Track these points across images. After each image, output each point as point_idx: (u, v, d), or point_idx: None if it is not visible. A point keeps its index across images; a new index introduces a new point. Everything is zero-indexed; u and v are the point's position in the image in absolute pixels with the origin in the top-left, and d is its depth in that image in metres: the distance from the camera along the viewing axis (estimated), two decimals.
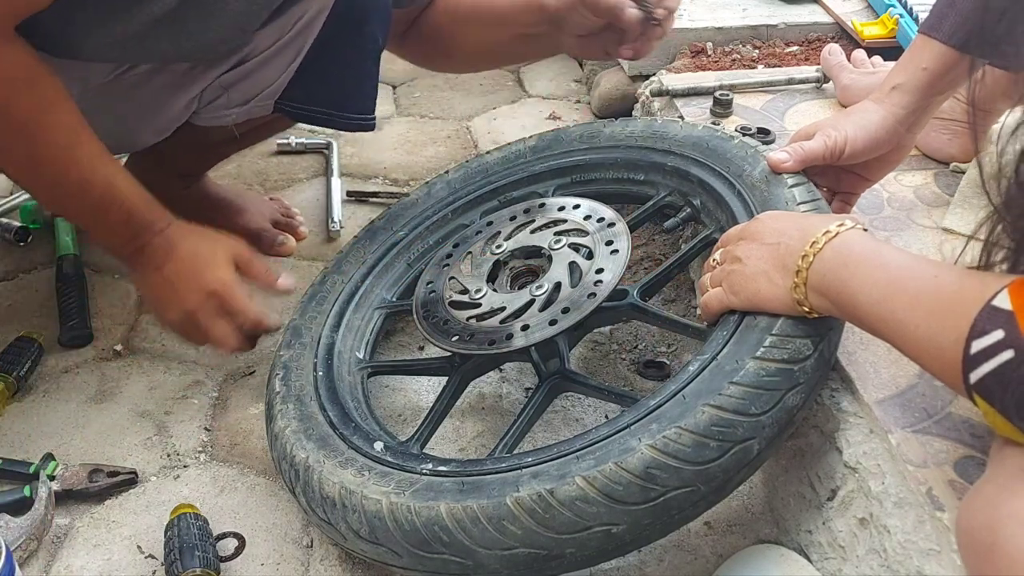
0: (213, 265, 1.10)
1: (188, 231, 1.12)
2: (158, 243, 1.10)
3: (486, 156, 1.31)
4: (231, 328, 1.10)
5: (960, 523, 0.69)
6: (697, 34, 1.74)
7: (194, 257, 1.10)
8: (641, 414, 0.85)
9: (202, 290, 1.08)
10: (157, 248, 1.10)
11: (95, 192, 1.06)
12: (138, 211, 1.09)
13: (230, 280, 1.10)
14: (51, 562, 1.00)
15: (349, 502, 0.89)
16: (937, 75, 1.01)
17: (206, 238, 1.12)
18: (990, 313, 0.65)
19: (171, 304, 1.11)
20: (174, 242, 1.10)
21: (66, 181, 1.05)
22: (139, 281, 1.18)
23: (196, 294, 1.09)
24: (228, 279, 1.10)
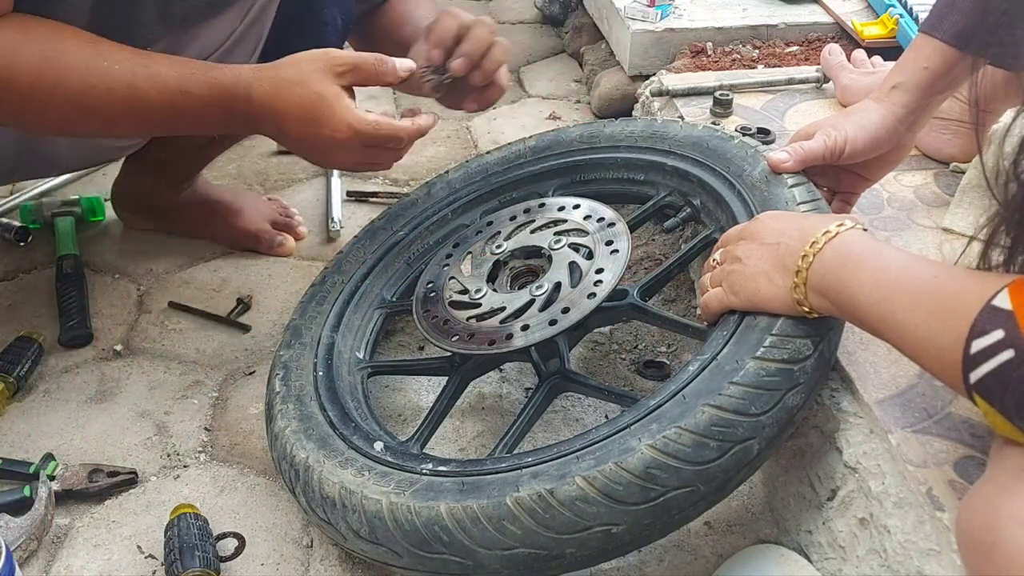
0: (329, 112, 0.99)
1: (277, 83, 1.00)
2: (259, 111, 1.00)
3: (486, 156, 1.31)
4: (388, 152, 1.04)
5: (960, 523, 0.69)
6: (697, 34, 1.74)
7: (304, 113, 0.99)
8: (641, 414, 0.85)
9: (334, 143, 1.00)
10: (263, 116, 1.01)
11: (148, 93, 0.98)
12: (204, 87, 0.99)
13: (355, 120, 0.99)
14: (51, 562, 1.00)
15: (349, 502, 0.89)
16: (937, 74, 1.01)
17: (301, 84, 0.99)
18: (990, 313, 0.65)
19: (319, 159, 1.06)
20: (272, 104, 1.00)
21: (116, 99, 0.98)
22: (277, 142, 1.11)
23: (332, 148, 1.01)
24: (352, 120, 0.99)
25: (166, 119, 1.02)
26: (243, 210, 1.50)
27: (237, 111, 1.01)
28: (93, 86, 0.97)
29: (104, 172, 1.68)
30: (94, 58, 0.97)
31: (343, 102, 0.99)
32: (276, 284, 1.42)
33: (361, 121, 0.99)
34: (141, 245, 1.50)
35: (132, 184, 1.49)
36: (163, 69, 1.00)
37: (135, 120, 1.02)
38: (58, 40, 0.97)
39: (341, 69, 1.00)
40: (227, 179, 1.67)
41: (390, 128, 1.01)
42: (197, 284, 1.42)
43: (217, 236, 1.50)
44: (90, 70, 0.97)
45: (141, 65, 0.99)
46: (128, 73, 0.98)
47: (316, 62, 1.00)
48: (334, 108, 0.99)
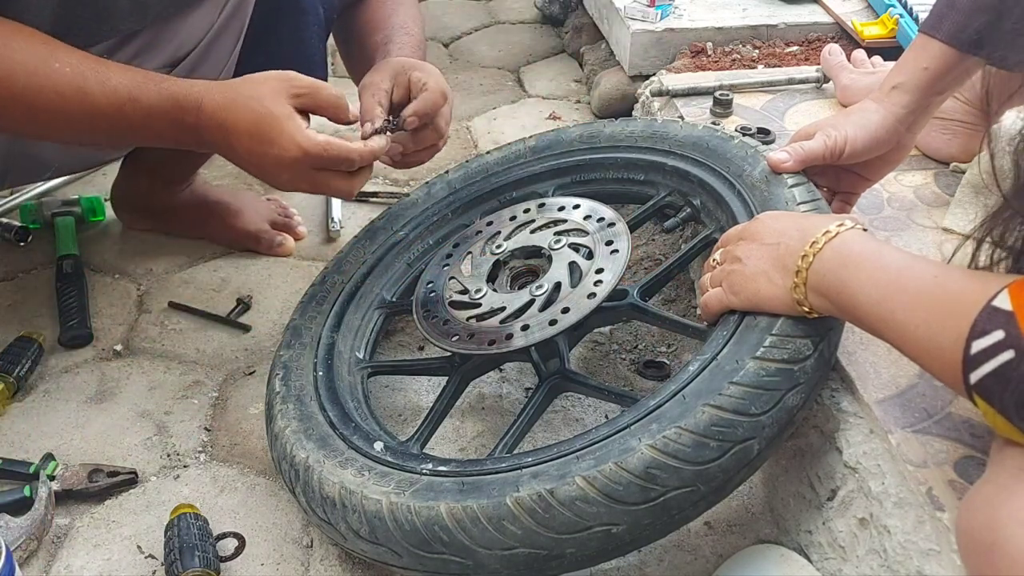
0: (278, 130, 0.96)
1: (229, 97, 0.97)
2: (207, 125, 0.98)
3: (486, 156, 1.31)
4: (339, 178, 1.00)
5: (960, 523, 0.69)
6: (697, 34, 1.74)
7: (254, 129, 0.97)
8: (641, 414, 0.85)
9: (282, 163, 0.97)
10: (212, 131, 0.98)
11: (97, 100, 0.96)
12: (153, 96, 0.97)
13: (304, 140, 0.96)
14: (51, 562, 1.00)
15: (349, 502, 0.89)
16: (937, 75, 1.01)
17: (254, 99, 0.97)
18: (990, 313, 0.65)
19: (267, 179, 1.01)
20: (221, 118, 0.97)
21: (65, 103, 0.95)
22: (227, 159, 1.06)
23: (280, 169, 0.98)
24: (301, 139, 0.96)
25: (114, 127, 0.99)
26: (242, 210, 1.50)
27: (186, 122, 0.98)
28: (41, 87, 0.95)
29: (104, 172, 1.68)
30: (45, 59, 0.95)
31: (294, 121, 0.97)
32: (276, 284, 1.42)
33: (310, 141, 0.97)
34: (141, 245, 1.50)
35: (130, 185, 1.49)
36: (115, 75, 0.97)
37: (83, 126, 0.99)
38: (10, 38, 0.95)
39: (297, 91, 0.98)
40: (227, 179, 1.67)
41: (340, 149, 0.98)
42: (197, 284, 1.42)
43: (216, 237, 1.50)
44: (39, 70, 0.95)
45: (92, 70, 0.97)
46: (78, 76, 0.96)
47: (272, 81, 0.99)
48: (284, 126, 0.96)
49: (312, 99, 1.00)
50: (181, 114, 0.98)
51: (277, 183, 1.02)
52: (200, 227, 1.50)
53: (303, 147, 0.96)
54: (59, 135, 1.05)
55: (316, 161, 0.98)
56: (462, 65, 2.13)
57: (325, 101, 1.00)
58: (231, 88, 0.99)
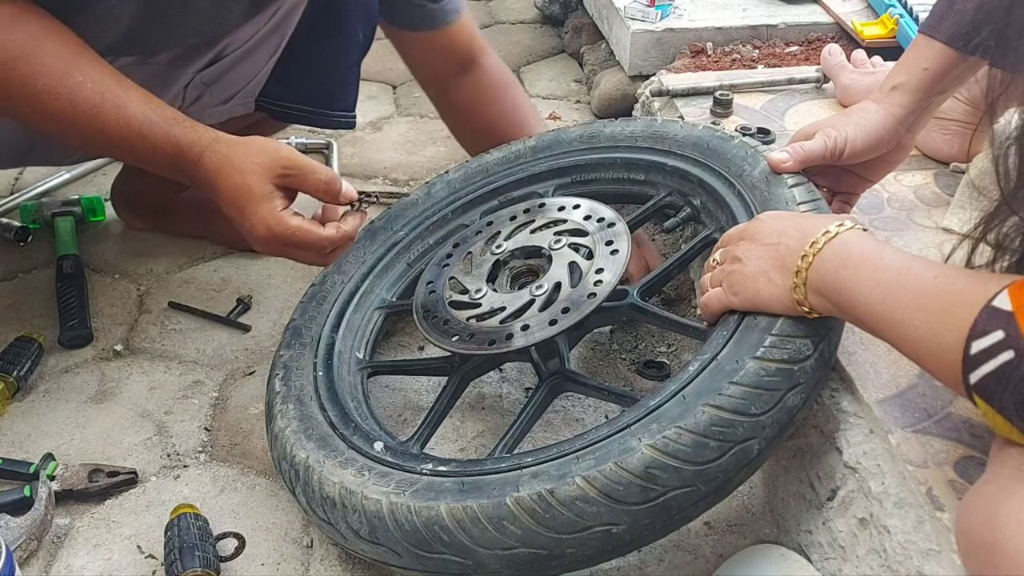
0: (252, 208, 0.98)
1: (221, 164, 0.99)
2: (202, 180, 1.00)
3: (486, 156, 1.31)
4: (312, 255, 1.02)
5: (960, 523, 0.69)
6: (697, 34, 1.74)
7: (233, 200, 0.99)
8: (641, 414, 0.85)
9: (253, 235, 0.99)
10: (203, 184, 1.01)
11: (109, 123, 0.99)
12: (160, 138, 1.00)
13: (273, 222, 0.98)
14: (51, 562, 1.00)
15: (349, 502, 0.89)
16: (937, 75, 1.01)
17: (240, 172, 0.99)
18: (990, 314, 0.65)
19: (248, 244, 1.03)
20: (212, 180, 1.00)
21: (78, 115, 0.98)
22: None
23: (253, 239, 1.00)
24: (271, 221, 0.98)
25: (116, 149, 1.02)
26: None
27: (184, 170, 1.01)
28: (59, 94, 0.97)
29: (104, 172, 1.68)
30: (70, 68, 0.98)
31: (270, 203, 0.98)
32: (276, 284, 1.42)
33: (280, 225, 0.98)
34: (141, 245, 1.50)
35: (133, 183, 1.49)
36: (132, 105, 0.99)
37: (88, 140, 1.02)
38: (43, 39, 0.97)
39: (284, 171, 0.99)
40: None
41: (309, 236, 0.99)
42: (197, 284, 1.42)
43: (217, 236, 1.50)
44: (62, 78, 0.97)
45: (112, 93, 0.99)
46: (96, 96, 0.98)
47: (265, 156, 0.99)
48: (258, 206, 0.98)
49: (298, 181, 1.00)
50: (181, 162, 1.01)
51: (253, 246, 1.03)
52: (202, 226, 1.50)
53: (272, 230, 0.98)
54: (62, 137, 1.07)
55: (288, 242, 0.99)
56: None
57: (312, 184, 1.01)
58: (225, 152, 1.00)
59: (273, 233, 0.98)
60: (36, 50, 0.97)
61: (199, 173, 1.00)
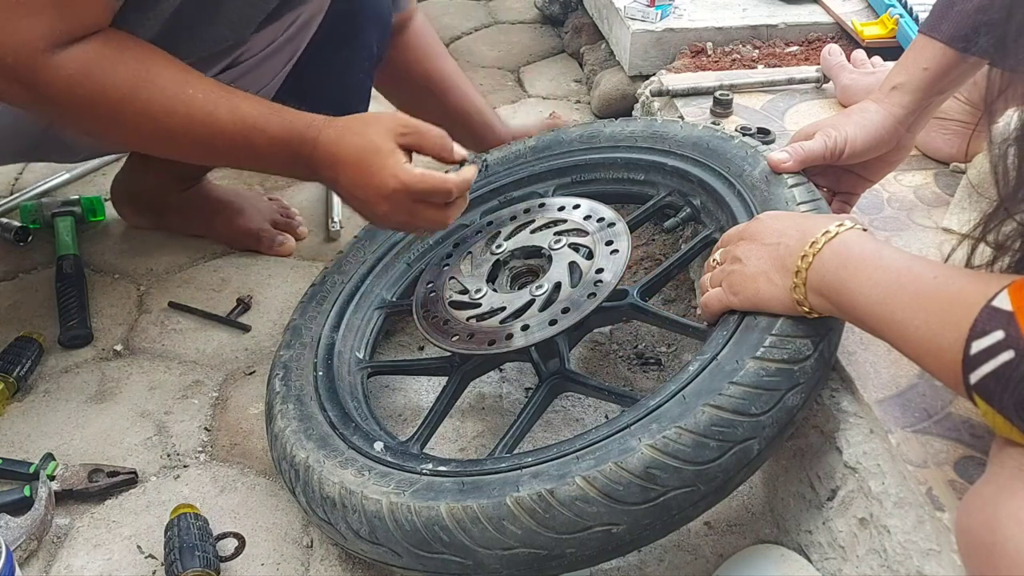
0: (380, 163, 1.02)
1: (341, 132, 1.04)
2: (321, 157, 1.04)
3: (486, 156, 1.31)
4: (435, 209, 1.05)
5: (960, 523, 0.69)
6: (697, 34, 1.74)
7: (359, 162, 1.03)
8: (641, 414, 0.85)
9: (382, 194, 1.02)
10: (322, 162, 1.04)
11: (225, 126, 1.02)
12: (276, 127, 1.04)
13: (402, 172, 1.01)
14: (51, 562, 1.00)
15: (349, 502, 0.89)
16: (937, 75, 1.01)
17: (362, 135, 1.04)
18: (990, 314, 0.65)
19: (367, 212, 1.07)
20: (333, 151, 1.04)
21: (194, 125, 1.02)
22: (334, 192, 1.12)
23: (379, 199, 1.03)
24: (399, 171, 1.01)
25: (236, 152, 1.06)
26: (244, 209, 1.50)
27: (302, 153, 1.05)
28: (175, 111, 1.01)
29: (104, 172, 1.68)
30: (181, 85, 1.02)
31: (396, 157, 1.02)
32: (276, 284, 1.42)
33: (408, 174, 1.02)
34: (141, 245, 1.50)
35: (136, 180, 1.49)
36: (243, 104, 1.04)
37: (208, 148, 1.05)
38: (152, 63, 1.01)
39: (403, 130, 1.04)
40: (228, 179, 1.67)
41: (436, 180, 1.03)
42: (197, 284, 1.42)
43: (218, 235, 1.50)
44: (177, 96, 1.01)
45: (223, 98, 1.03)
46: (210, 104, 1.02)
47: (383, 120, 1.05)
48: (386, 160, 1.02)
49: (417, 139, 1.05)
50: (300, 146, 1.04)
51: (376, 214, 1.06)
52: (202, 225, 1.50)
53: (401, 179, 1.01)
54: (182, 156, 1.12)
55: (414, 193, 1.02)
56: (462, 65, 2.11)
57: (430, 141, 1.05)
58: (343, 124, 1.05)
59: (402, 183, 1.01)
60: (149, 75, 1.00)
61: (318, 152, 1.04)
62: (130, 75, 0.99)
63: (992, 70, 0.74)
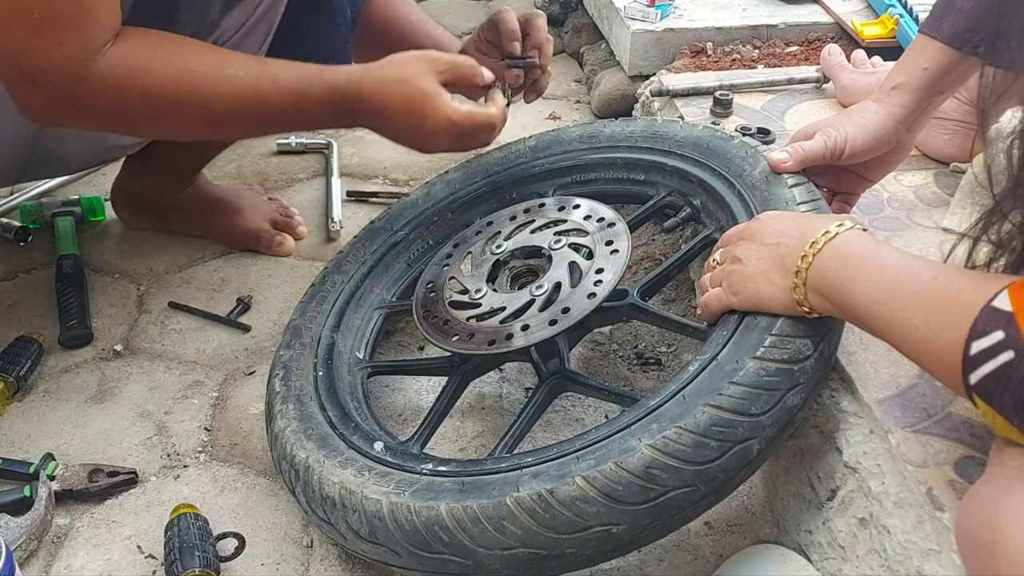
0: (430, 107, 1.06)
1: (383, 82, 1.07)
2: (365, 108, 1.08)
3: (486, 156, 1.31)
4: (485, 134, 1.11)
5: (959, 523, 0.69)
6: (697, 34, 1.74)
7: (408, 108, 1.07)
8: (641, 414, 0.85)
9: (435, 132, 1.08)
10: (368, 112, 1.08)
11: (272, 99, 1.05)
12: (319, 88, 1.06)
13: (453, 112, 1.07)
14: (51, 562, 1.00)
15: (349, 502, 0.89)
16: (937, 75, 1.01)
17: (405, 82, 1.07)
18: (990, 314, 0.65)
19: (424, 148, 1.12)
20: (379, 101, 1.07)
21: (242, 103, 1.04)
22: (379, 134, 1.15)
23: (434, 137, 1.08)
24: (450, 112, 1.07)
25: (285, 119, 1.09)
26: (243, 209, 1.50)
27: (346, 108, 1.08)
28: (222, 93, 1.03)
29: (104, 172, 1.68)
30: (221, 67, 1.04)
31: (443, 97, 1.07)
32: (276, 284, 1.42)
33: (457, 113, 1.07)
34: (141, 245, 1.50)
35: (134, 182, 1.49)
36: (282, 73, 1.06)
37: (257, 121, 1.09)
38: (186, 51, 1.03)
39: (441, 68, 1.08)
40: (227, 179, 1.67)
41: (483, 116, 1.09)
42: (197, 284, 1.42)
43: (217, 235, 1.50)
44: (220, 79, 1.03)
45: (263, 71, 1.05)
46: (252, 79, 1.04)
47: (420, 62, 1.08)
48: (434, 103, 1.06)
49: (453, 73, 1.09)
50: (343, 102, 1.07)
51: (431, 148, 1.12)
52: (202, 225, 1.50)
53: (452, 119, 1.06)
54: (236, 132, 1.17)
55: (465, 129, 1.08)
56: None
57: (465, 73, 1.10)
58: (383, 73, 1.08)
59: (453, 122, 1.07)
60: (188, 63, 1.02)
61: (361, 104, 1.07)
62: (170, 66, 1.01)
63: (989, 69, 0.74)
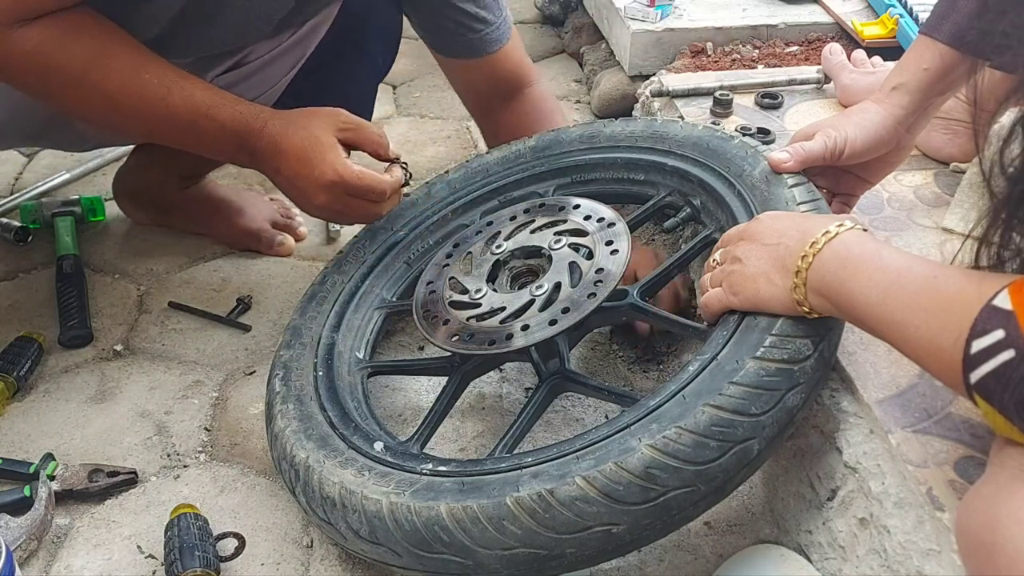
0: (320, 156, 1.08)
1: (286, 125, 1.10)
2: (264, 147, 1.09)
3: (486, 156, 1.31)
4: (369, 204, 1.13)
5: (960, 523, 0.69)
6: (697, 34, 1.74)
7: (301, 153, 1.09)
8: (641, 414, 0.85)
9: (320, 185, 1.09)
10: (265, 152, 1.10)
11: (178, 110, 1.07)
12: (227, 115, 1.08)
13: (341, 167, 1.08)
14: (51, 562, 1.00)
15: (349, 502, 0.89)
16: (937, 76, 1.01)
17: (305, 128, 1.10)
18: (990, 313, 0.65)
19: (303, 201, 1.13)
20: (277, 142, 1.09)
21: (146, 107, 1.06)
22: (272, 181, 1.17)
23: (318, 190, 1.09)
24: (339, 167, 1.08)
25: (185, 135, 1.10)
26: (244, 209, 1.50)
27: (248, 143, 1.10)
28: (131, 92, 1.06)
29: (104, 172, 1.68)
30: (137, 68, 1.06)
31: (336, 151, 1.09)
32: (276, 284, 1.42)
33: (347, 169, 1.09)
34: (141, 245, 1.50)
35: (140, 175, 1.49)
36: (197, 92, 1.08)
37: (157, 130, 1.11)
38: (109, 44, 1.05)
39: (344, 126, 1.11)
40: (229, 179, 1.67)
41: (373, 179, 1.11)
42: (197, 284, 1.42)
43: (218, 234, 1.50)
44: (131, 77, 1.06)
45: (177, 84, 1.08)
46: (163, 88, 1.07)
47: (326, 114, 1.11)
48: (327, 154, 1.08)
49: (356, 135, 1.12)
50: (246, 135, 1.10)
51: (312, 205, 1.13)
52: (203, 223, 1.50)
53: (340, 172, 1.08)
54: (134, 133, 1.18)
55: (351, 188, 1.10)
56: None
57: (368, 138, 1.13)
58: (288, 116, 1.11)
59: (340, 177, 1.08)
60: (104, 56, 1.04)
61: (262, 141, 1.09)
62: (85, 55, 1.03)
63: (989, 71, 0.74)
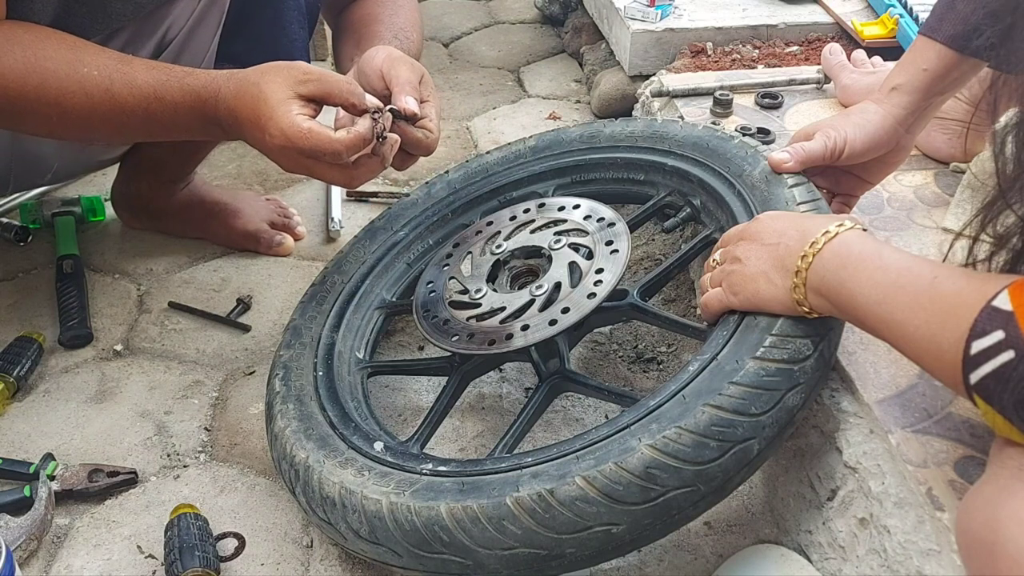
0: (268, 116, 0.95)
1: (238, 86, 0.98)
2: (224, 115, 0.99)
3: (486, 156, 1.31)
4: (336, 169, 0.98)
5: (960, 523, 0.69)
6: (697, 34, 1.74)
7: (252, 115, 0.96)
8: (641, 414, 0.85)
9: (273, 149, 0.96)
10: (227, 120, 1.00)
11: (124, 100, 0.99)
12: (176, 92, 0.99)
13: (287, 126, 0.94)
14: (51, 562, 1.00)
15: (349, 502, 0.89)
16: (937, 76, 1.01)
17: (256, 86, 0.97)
18: (990, 314, 0.65)
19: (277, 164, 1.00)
20: (232, 107, 0.98)
21: (94, 104, 0.99)
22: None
23: (276, 155, 0.97)
24: (285, 126, 0.94)
25: (142, 124, 1.02)
26: (241, 211, 1.50)
27: (208, 115, 1.00)
28: (72, 91, 0.98)
29: (104, 172, 1.68)
30: (74, 64, 0.99)
31: (284, 107, 0.95)
32: (276, 284, 1.42)
33: (293, 127, 0.94)
34: (141, 245, 1.50)
35: (129, 186, 1.49)
36: (140, 75, 1.00)
37: (113, 125, 1.02)
38: (41, 46, 0.98)
39: (303, 78, 0.96)
40: (227, 179, 1.67)
41: (319, 139, 0.94)
42: (197, 284, 1.42)
43: (215, 237, 1.50)
44: (69, 75, 0.98)
45: (118, 71, 0.99)
46: (105, 79, 0.99)
47: (281, 69, 0.98)
48: (273, 111, 0.95)
49: (319, 87, 0.96)
50: (202, 107, 1.00)
51: (287, 170, 1.01)
52: (199, 227, 1.50)
53: (286, 132, 0.94)
54: (93, 134, 1.07)
55: (302, 149, 0.95)
56: (462, 65, 2.13)
57: (334, 89, 0.96)
58: (242, 75, 0.99)
59: (287, 137, 0.94)
60: (37, 59, 0.98)
61: (220, 109, 0.99)
62: (18, 64, 0.97)
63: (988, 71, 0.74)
